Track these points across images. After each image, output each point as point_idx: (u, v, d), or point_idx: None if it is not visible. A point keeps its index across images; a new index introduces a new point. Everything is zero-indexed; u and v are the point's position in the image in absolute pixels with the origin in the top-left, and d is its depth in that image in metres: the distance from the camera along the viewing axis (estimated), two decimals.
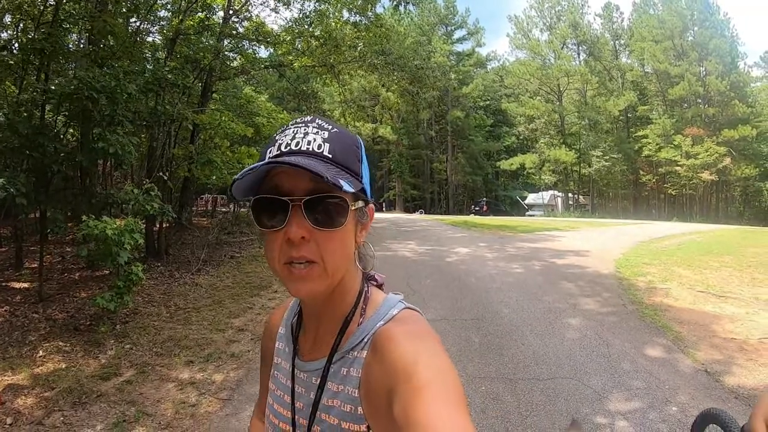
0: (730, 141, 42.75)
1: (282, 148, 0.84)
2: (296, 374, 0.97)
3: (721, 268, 11.22)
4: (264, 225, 0.84)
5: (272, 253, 0.84)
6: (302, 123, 0.87)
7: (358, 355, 0.88)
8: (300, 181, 0.82)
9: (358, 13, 17.15)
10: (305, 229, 0.81)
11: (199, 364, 5.65)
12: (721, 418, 3.01)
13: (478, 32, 60.45)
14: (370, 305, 0.94)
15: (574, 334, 6.55)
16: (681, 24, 47.55)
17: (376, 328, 0.88)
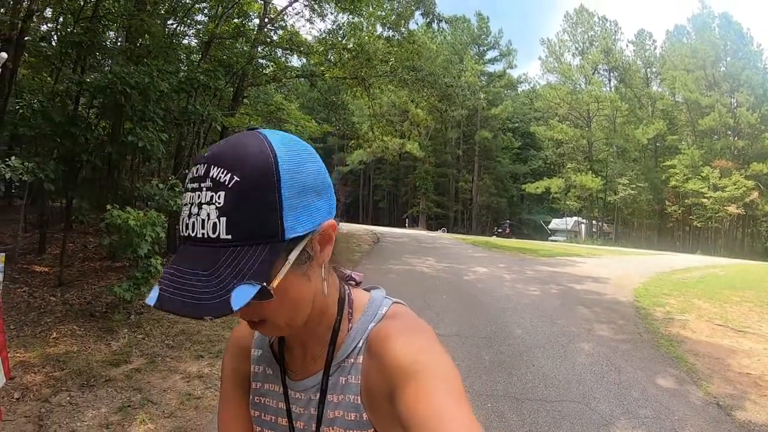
0: (758, 175, 42.06)
1: (183, 231, 0.71)
2: (290, 395, 0.93)
3: (741, 302, 10.96)
4: None
5: None
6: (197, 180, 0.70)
7: (354, 362, 0.85)
8: None
9: (392, 28, 17.32)
10: (243, 313, 0.73)
11: (208, 358, 5.72)
12: None
13: (510, 54, 60.74)
14: (357, 308, 0.91)
15: (585, 359, 6.45)
16: (714, 54, 47.13)
17: (369, 330, 0.86)
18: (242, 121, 12.84)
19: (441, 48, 39.16)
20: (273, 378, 0.96)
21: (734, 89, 45.86)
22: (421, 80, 17.16)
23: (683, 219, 48.18)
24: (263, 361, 0.99)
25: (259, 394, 0.98)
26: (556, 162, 56.92)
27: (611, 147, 50.82)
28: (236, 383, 1.01)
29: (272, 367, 0.96)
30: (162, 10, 11.74)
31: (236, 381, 1.01)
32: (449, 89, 17.92)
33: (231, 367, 1.03)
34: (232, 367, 1.03)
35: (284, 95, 17.99)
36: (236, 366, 1.02)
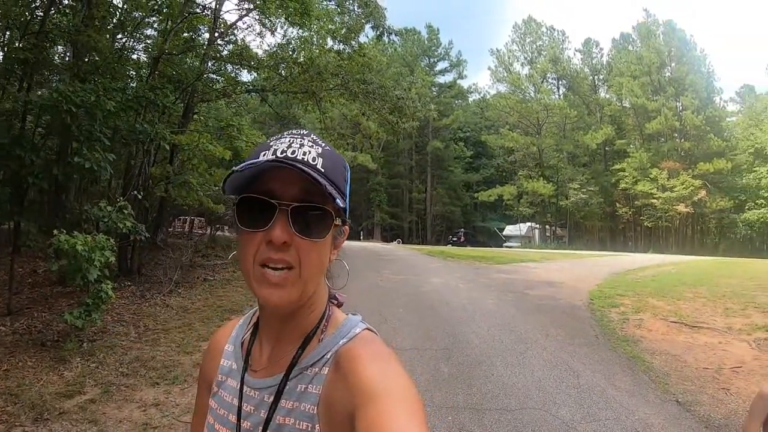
0: (705, 174, 44.22)
1: (278, 154, 0.85)
2: (245, 392, 0.94)
3: (695, 298, 11.28)
4: (245, 224, 0.85)
5: (247, 253, 0.84)
6: (298, 135, 0.90)
7: (319, 372, 0.87)
8: (290, 188, 0.83)
9: (342, 42, 17.40)
10: (288, 235, 0.82)
11: (164, 385, 5.55)
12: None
13: (460, 64, 61.98)
14: (331, 323, 0.95)
15: (544, 365, 6.47)
16: (659, 60, 49.59)
17: (339, 345, 0.89)
18: (192, 138, 12.58)
19: (392, 60, 39.61)
20: (235, 373, 0.99)
21: (679, 93, 48.16)
22: (372, 93, 17.19)
23: (634, 220, 50.09)
24: (232, 355, 1.03)
25: (221, 387, 1.01)
26: (508, 169, 58.09)
27: (561, 153, 52.43)
28: (205, 383, 1.07)
29: (238, 362, 1.00)
30: (111, 25, 11.44)
31: (206, 380, 1.07)
32: (400, 101, 17.99)
33: (205, 366, 1.09)
34: (206, 367, 1.09)
35: (235, 110, 17.77)
36: (208, 363, 1.08)
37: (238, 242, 0.89)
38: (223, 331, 1.11)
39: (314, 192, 0.83)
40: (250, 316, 1.08)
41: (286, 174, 0.82)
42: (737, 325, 8.62)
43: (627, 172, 48.43)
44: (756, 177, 43.27)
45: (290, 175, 0.82)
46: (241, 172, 0.82)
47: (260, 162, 0.81)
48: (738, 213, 45.13)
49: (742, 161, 45.79)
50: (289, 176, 0.82)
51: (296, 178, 0.82)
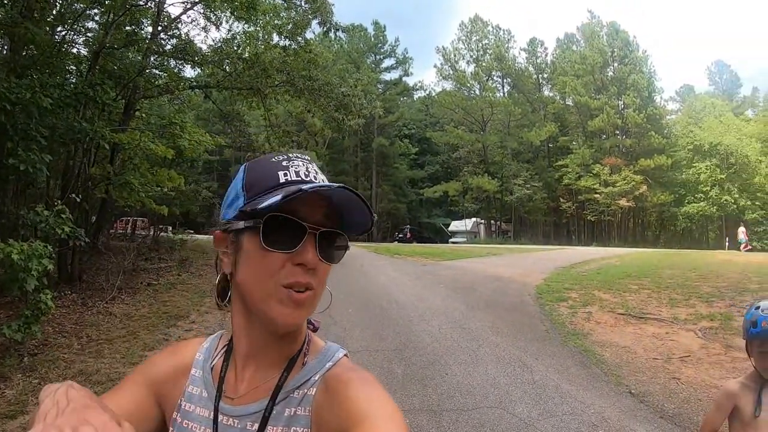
0: (646, 170, 46.82)
1: (302, 176, 0.87)
2: (221, 421, 0.90)
3: (640, 290, 11.64)
4: (271, 245, 0.83)
5: (269, 275, 0.83)
6: (307, 159, 0.92)
7: (307, 392, 0.87)
8: (316, 212, 0.85)
9: (288, 38, 17.15)
10: (317, 259, 0.84)
11: None
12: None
13: (407, 62, 62.60)
14: (313, 348, 0.95)
15: (497, 362, 6.51)
16: (602, 60, 51.91)
17: (326, 368, 0.90)
18: (133, 137, 12.12)
19: (337, 57, 39.45)
20: (206, 401, 0.94)
21: (621, 92, 50.55)
22: (317, 90, 17.07)
23: (578, 214, 51.89)
24: (201, 382, 0.97)
25: (187, 418, 0.95)
26: (453, 166, 58.95)
27: (506, 150, 53.63)
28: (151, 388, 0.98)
29: (209, 389, 0.95)
30: (50, 17, 10.88)
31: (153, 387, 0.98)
32: (346, 98, 17.92)
33: (157, 375, 1.00)
34: (157, 376, 1.00)
35: (178, 107, 17.26)
36: (165, 378, 0.99)
37: (245, 261, 0.86)
38: (187, 348, 1.06)
39: (334, 217, 0.87)
40: (216, 339, 1.05)
41: (311, 198, 0.83)
42: (683, 315, 8.93)
43: (570, 168, 50.52)
44: (695, 172, 46.09)
45: (315, 199, 0.84)
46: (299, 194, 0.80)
47: (333, 187, 0.81)
48: (678, 207, 47.77)
49: (681, 157, 48.71)
50: (314, 200, 0.84)
51: (320, 202, 0.85)
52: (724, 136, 44.92)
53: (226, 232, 0.90)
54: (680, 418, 4.76)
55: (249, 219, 0.84)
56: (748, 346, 2.21)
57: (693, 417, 4.77)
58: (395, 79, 62.74)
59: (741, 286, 11.46)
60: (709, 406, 4.99)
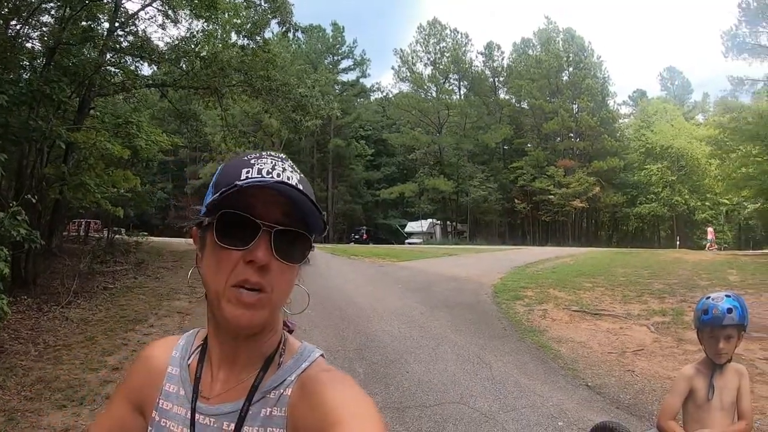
0: (599, 171, 48.77)
1: (264, 174, 0.83)
2: (198, 420, 0.90)
3: (594, 288, 11.99)
4: (224, 241, 0.82)
5: (221, 272, 0.82)
6: (278, 158, 0.89)
7: (283, 393, 0.87)
8: (273, 209, 0.82)
9: (247, 37, 16.97)
10: (269, 257, 0.81)
11: (72, 408, 5.14)
12: (616, 429, 3.14)
13: (364, 63, 63.02)
14: (289, 348, 0.94)
15: (457, 360, 6.62)
16: (557, 64, 53.82)
17: (302, 369, 0.89)
18: (89, 136, 11.77)
19: (295, 57, 39.24)
20: (182, 400, 0.94)
21: (576, 96, 52.68)
22: (275, 90, 16.94)
23: (532, 215, 53.19)
24: (178, 380, 0.97)
25: (165, 416, 0.95)
26: (409, 167, 59.51)
27: (462, 151, 54.55)
28: (131, 400, 1.01)
29: (185, 387, 0.95)
30: (5, 10, 10.50)
31: (131, 397, 1.01)
32: (304, 99, 17.84)
33: (135, 385, 1.02)
34: (135, 386, 1.02)
35: (134, 106, 16.86)
36: (142, 385, 1.01)
37: (205, 258, 0.86)
38: (161, 348, 1.05)
39: (294, 216, 0.83)
40: (192, 336, 1.04)
41: (269, 195, 0.81)
42: (635, 311, 9.26)
43: (525, 169, 51.99)
44: (647, 174, 48.55)
45: (273, 197, 0.81)
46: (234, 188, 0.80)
47: (267, 180, 0.80)
48: (630, 207, 50.07)
49: (633, 160, 51.43)
50: (273, 197, 0.81)
51: (280, 200, 0.81)
52: (676, 140, 47.32)
53: (198, 228, 0.89)
54: (636, 408, 4.96)
55: (209, 215, 0.84)
56: (700, 334, 2.36)
57: (648, 407, 4.97)
58: (353, 81, 63.17)
59: (691, 283, 11.96)
60: (663, 396, 5.25)
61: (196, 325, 6.44)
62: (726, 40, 30.69)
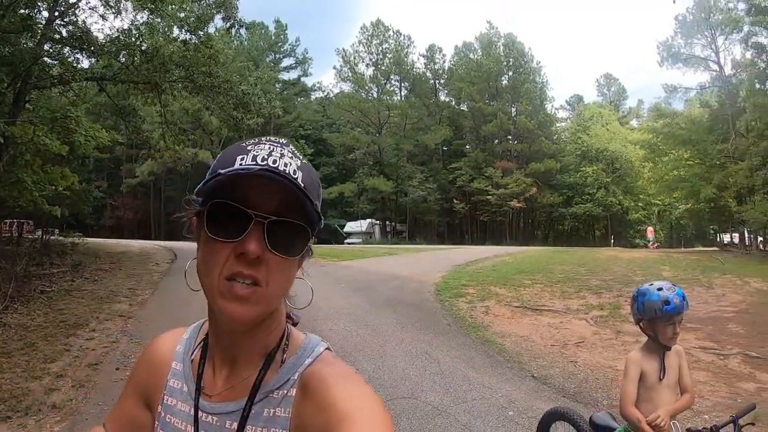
0: (536, 173, 50.78)
1: (258, 161, 0.79)
2: (201, 418, 0.88)
3: (533, 284, 12.36)
4: (215, 233, 0.79)
5: (214, 265, 0.79)
6: (278, 143, 0.84)
7: (287, 394, 0.84)
8: (268, 199, 0.78)
9: (190, 31, 16.54)
10: (262, 250, 0.77)
11: (17, 419, 4.90)
12: (567, 414, 3.28)
13: (306, 62, 63.00)
14: (293, 343, 0.91)
15: (405, 356, 6.69)
16: (497, 68, 55.51)
17: (305, 366, 0.86)
18: (26, 130, 11.20)
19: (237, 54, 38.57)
20: (186, 396, 0.93)
21: (515, 99, 54.65)
22: (217, 87, 16.55)
23: (471, 214, 54.57)
24: (182, 376, 0.96)
25: (170, 413, 0.94)
26: (348, 167, 59.60)
27: (401, 152, 55.26)
28: (139, 394, 1.01)
29: (188, 383, 0.94)
30: None
31: (138, 391, 1.01)
32: (246, 97, 17.51)
33: (141, 380, 1.02)
34: (142, 381, 1.01)
35: (71, 100, 16.13)
36: (148, 379, 1.00)
37: (200, 250, 0.83)
38: (166, 342, 1.03)
39: (292, 206, 0.79)
40: (196, 330, 1.02)
41: (265, 184, 0.77)
42: (574, 305, 9.61)
43: (464, 170, 53.36)
44: (582, 176, 50.98)
45: (269, 186, 0.77)
46: (217, 177, 0.77)
47: (252, 168, 0.76)
48: (566, 207, 52.27)
49: (569, 162, 53.69)
50: (268, 187, 0.77)
51: (275, 189, 0.77)
52: (611, 143, 50.10)
53: (197, 217, 0.85)
54: (581, 395, 5.17)
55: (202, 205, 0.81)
56: (653, 323, 2.49)
57: (592, 394, 5.20)
58: (294, 79, 63.12)
59: (627, 279, 12.51)
60: (606, 384, 5.50)
61: (139, 329, 6.28)
62: (662, 50, 32.94)
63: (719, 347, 7.04)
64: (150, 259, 17.57)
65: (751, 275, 13.62)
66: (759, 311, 9.44)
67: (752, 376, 5.96)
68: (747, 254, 23.03)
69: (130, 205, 55.70)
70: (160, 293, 11.25)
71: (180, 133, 20.67)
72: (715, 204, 29.67)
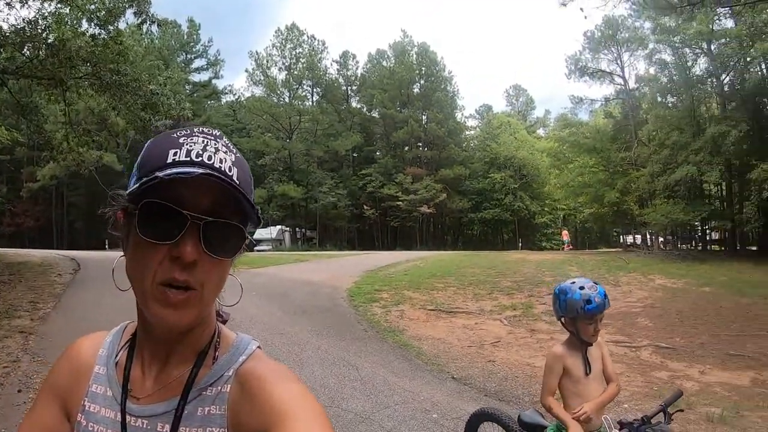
0: (446, 179, 52.06)
1: (193, 156, 0.75)
2: (129, 422, 0.83)
3: (446, 288, 12.54)
4: (148, 235, 0.74)
5: (146, 268, 0.75)
6: (211, 135, 0.81)
7: (222, 390, 0.81)
8: (202, 198, 0.75)
9: (99, 25, 15.53)
10: (198, 253, 0.74)
11: None
12: (495, 415, 3.25)
13: (218, 64, 61.05)
14: (224, 341, 0.89)
15: (323, 364, 6.56)
16: (409, 76, 56.55)
17: (239, 363, 0.84)
18: None
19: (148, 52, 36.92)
20: (110, 401, 0.87)
21: (426, 107, 55.94)
22: (125, 85, 15.71)
23: (381, 220, 55.37)
24: (105, 380, 0.89)
25: (93, 420, 0.87)
26: (258, 173, 58.50)
27: (312, 158, 55.13)
28: (56, 403, 0.91)
29: (112, 387, 0.87)
30: None
31: (57, 400, 0.91)
32: (155, 97, 16.74)
33: (59, 384, 0.92)
34: (59, 385, 0.92)
35: None
36: (67, 384, 0.91)
37: (129, 250, 0.79)
38: (87, 346, 0.96)
39: (226, 204, 0.76)
40: (119, 333, 0.95)
41: (199, 181, 0.72)
42: (488, 307, 9.81)
43: (374, 176, 53.87)
44: (491, 182, 53.09)
45: (204, 183, 0.73)
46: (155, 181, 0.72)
47: (193, 172, 0.71)
48: (475, 212, 53.95)
49: (478, 168, 55.60)
50: (203, 185, 0.73)
51: (210, 187, 0.74)
52: (518, 151, 52.69)
53: (123, 213, 0.79)
54: (502, 394, 5.24)
55: (131, 203, 0.76)
56: (574, 320, 2.51)
57: (513, 392, 5.27)
58: (205, 81, 61.13)
59: (536, 280, 12.94)
60: (526, 381, 5.59)
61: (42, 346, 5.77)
62: (570, 63, 35.13)
63: (630, 340, 7.43)
64: (52, 270, 16.41)
65: (655, 273, 14.60)
66: (664, 306, 10.07)
67: (664, 366, 6.30)
68: (649, 254, 24.67)
69: (31, 211, 51.44)
70: (64, 306, 10.47)
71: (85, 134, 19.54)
72: (618, 208, 31.53)
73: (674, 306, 10.38)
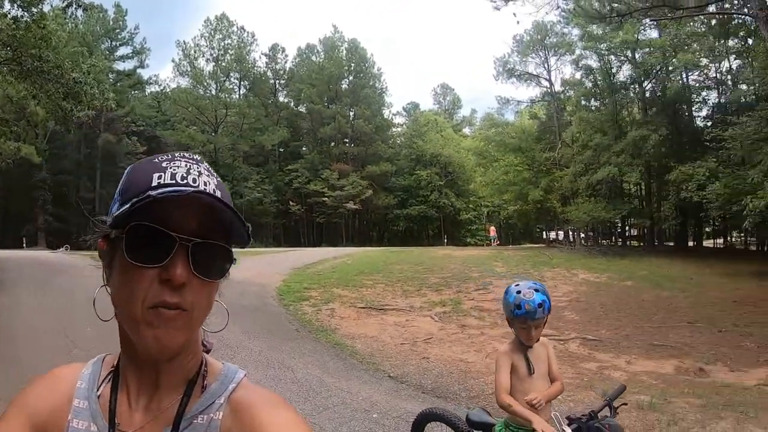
0: (372, 175, 52.41)
1: (178, 179, 0.76)
2: None
3: (375, 285, 12.62)
4: (136, 258, 0.73)
5: (136, 292, 0.73)
6: (192, 160, 0.82)
7: (213, 418, 0.80)
8: (190, 220, 0.75)
9: (23, 7, 14.50)
10: (188, 275, 0.74)
11: None
12: (442, 415, 3.32)
13: (144, 53, 57.77)
14: (211, 369, 0.88)
15: (257, 366, 6.51)
16: (338, 72, 56.26)
17: (230, 390, 0.83)
18: None
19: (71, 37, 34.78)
20: None
21: (354, 103, 55.79)
22: (47, 72, 14.78)
23: (307, 216, 54.91)
24: (88, 414, 0.84)
25: None
26: None
27: (238, 152, 54.18)
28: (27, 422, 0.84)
29: (98, 422, 0.83)
30: None
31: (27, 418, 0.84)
32: (77, 86, 15.83)
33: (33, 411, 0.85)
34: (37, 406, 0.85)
35: None
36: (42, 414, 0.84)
37: (114, 276, 0.78)
38: (64, 377, 0.90)
39: (212, 227, 0.76)
40: (98, 363, 0.90)
41: (186, 203, 0.73)
42: (417, 303, 9.96)
43: (300, 172, 53.41)
44: (416, 179, 53.75)
45: (189, 205, 0.74)
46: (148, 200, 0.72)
47: (185, 190, 0.72)
48: (401, 209, 54.42)
49: (404, 165, 56.23)
50: (190, 206, 0.74)
51: (197, 208, 0.74)
52: (444, 149, 53.50)
53: (105, 240, 0.79)
54: (439, 390, 5.35)
55: (116, 228, 0.75)
56: (512, 322, 2.62)
57: (450, 388, 5.39)
58: (129, 70, 57.64)
59: (464, 275, 13.22)
60: (461, 377, 5.72)
61: None
62: (498, 65, 36.10)
63: (558, 333, 7.75)
64: None
65: (578, 268, 15.23)
66: (589, 299, 10.54)
67: (592, 357, 6.60)
68: (572, 250, 25.85)
69: None
70: None
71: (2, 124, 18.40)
72: (542, 205, 32.85)
73: (598, 299, 10.91)
